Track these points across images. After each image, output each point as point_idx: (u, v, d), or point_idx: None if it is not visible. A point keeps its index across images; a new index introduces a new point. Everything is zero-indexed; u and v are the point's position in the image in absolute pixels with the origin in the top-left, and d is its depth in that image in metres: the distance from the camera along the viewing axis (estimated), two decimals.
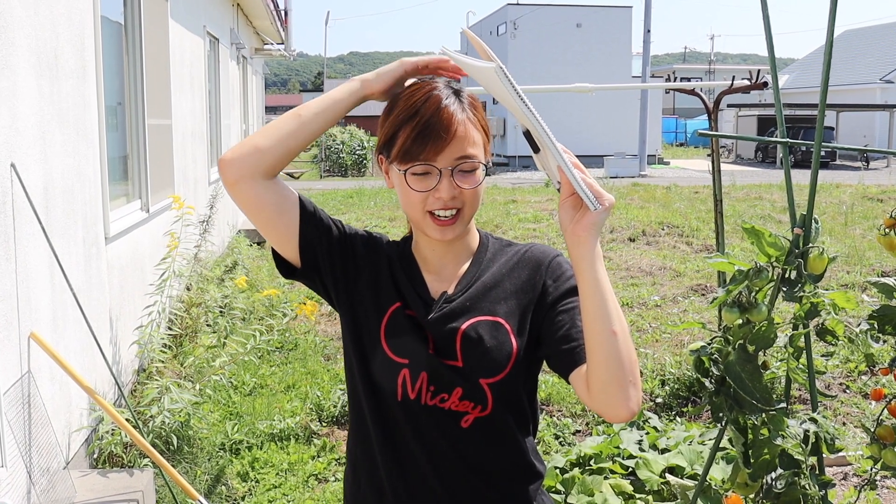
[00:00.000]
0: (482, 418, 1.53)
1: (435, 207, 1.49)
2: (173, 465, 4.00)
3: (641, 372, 5.98)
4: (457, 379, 1.51)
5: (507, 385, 1.53)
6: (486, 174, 1.53)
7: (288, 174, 28.36)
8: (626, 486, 3.92)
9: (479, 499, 1.56)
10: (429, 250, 1.60)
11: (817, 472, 2.06)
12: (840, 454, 4.40)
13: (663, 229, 12.98)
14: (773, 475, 1.96)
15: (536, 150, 1.40)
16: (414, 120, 1.46)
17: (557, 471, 4.10)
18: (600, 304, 1.35)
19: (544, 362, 1.60)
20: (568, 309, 1.51)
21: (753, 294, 1.85)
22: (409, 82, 1.57)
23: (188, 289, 6.09)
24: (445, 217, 1.50)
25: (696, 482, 2.31)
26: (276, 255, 1.63)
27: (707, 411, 5.17)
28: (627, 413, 1.36)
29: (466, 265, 1.61)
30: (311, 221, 1.58)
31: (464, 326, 1.53)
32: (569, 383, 1.48)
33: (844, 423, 5.10)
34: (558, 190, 1.39)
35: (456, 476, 1.55)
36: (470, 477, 1.55)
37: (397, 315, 1.56)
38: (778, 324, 1.88)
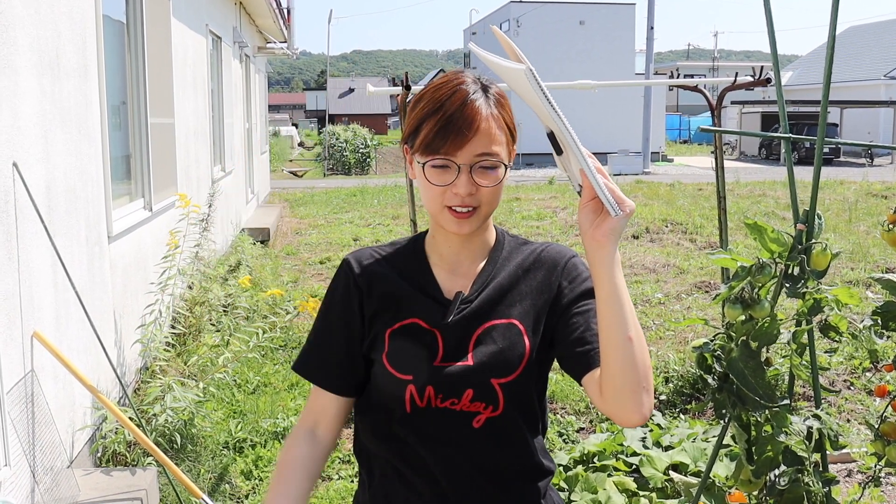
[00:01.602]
0: (493, 418, 1.52)
1: (452, 203, 1.48)
2: (177, 464, 4.00)
3: None
4: (467, 380, 1.50)
5: (519, 385, 1.52)
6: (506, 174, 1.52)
7: (292, 173, 28.38)
8: (630, 483, 3.91)
9: (488, 499, 1.55)
10: (445, 246, 1.59)
11: (821, 468, 2.06)
12: (844, 451, 4.39)
13: (667, 226, 12.97)
14: (777, 472, 1.96)
15: (559, 151, 1.39)
16: (438, 113, 1.45)
17: (561, 468, 4.10)
18: (617, 310, 1.34)
19: (555, 362, 1.59)
20: (583, 311, 1.51)
21: (756, 290, 1.84)
22: (438, 76, 1.57)
23: (190, 287, 6.10)
24: (463, 211, 1.49)
25: (700, 479, 2.31)
26: None
27: (710, 408, 5.16)
28: (640, 418, 1.36)
29: (482, 263, 1.60)
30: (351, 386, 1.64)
31: (479, 331, 1.53)
32: (581, 385, 1.48)
33: (849, 420, 5.09)
34: (579, 193, 1.39)
35: (464, 477, 1.54)
36: (477, 477, 1.54)
37: (396, 334, 1.55)
38: (781, 320, 1.88)
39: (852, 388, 5.64)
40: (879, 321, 1.95)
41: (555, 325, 1.54)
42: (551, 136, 1.38)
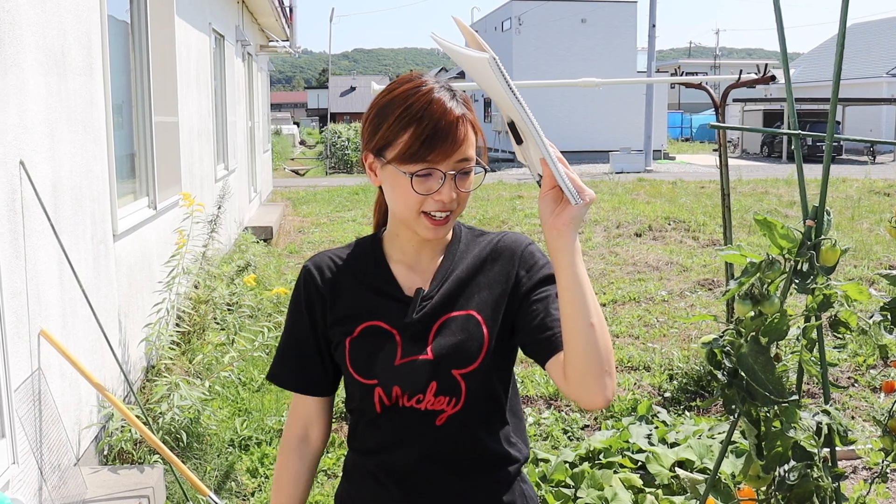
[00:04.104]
0: (455, 415, 1.55)
1: (433, 209, 1.49)
2: (183, 462, 4.01)
3: (649, 367, 5.98)
4: (429, 373, 1.54)
5: (480, 375, 1.55)
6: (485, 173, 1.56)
7: (294, 171, 28.37)
8: (636, 480, 3.92)
9: (454, 492, 1.59)
10: (407, 244, 1.61)
11: (830, 464, 2.06)
12: (850, 447, 4.39)
13: (669, 224, 12.96)
14: (786, 467, 1.96)
15: (519, 141, 1.41)
16: (423, 122, 1.45)
17: (567, 465, 4.10)
18: (579, 298, 1.37)
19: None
20: (542, 298, 1.54)
21: (766, 286, 1.85)
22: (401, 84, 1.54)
23: (196, 286, 6.10)
24: (441, 217, 1.50)
25: (706, 476, 2.31)
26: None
27: (716, 405, 5.17)
28: (603, 401, 1.39)
29: (440, 258, 1.62)
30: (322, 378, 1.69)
31: (437, 324, 1.56)
32: (545, 370, 1.51)
33: (853, 417, 5.09)
34: (538, 183, 1.41)
35: (430, 473, 1.58)
36: (442, 471, 1.58)
37: (357, 338, 1.58)
38: (790, 316, 1.88)
39: (856, 384, 5.64)
40: (888, 316, 1.96)
41: (515, 313, 1.57)
42: (511, 126, 1.40)
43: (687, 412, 5.10)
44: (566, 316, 1.39)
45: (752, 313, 1.85)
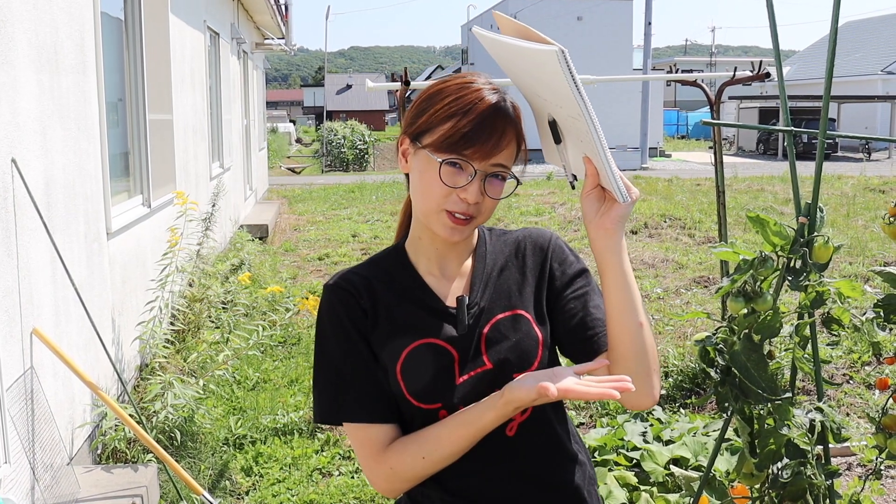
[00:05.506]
0: (525, 422, 1.49)
1: (455, 209, 1.42)
2: (177, 461, 4.00)
3: None
4: (491, 383, 1.45)
5: None
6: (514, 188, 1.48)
7: (290, 169, 28.34)
8: (631, 477, 3.91)
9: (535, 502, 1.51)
10: (432, 248, 1.53)
11: (823, 461, 2.05)
12: (844, 444, 4.39)
13: (665, 221, 12.96)
14: (780, 465, 1.96)
15: (558, 140, 1.38)
16: (469, 116, 1.40)
17: None
18: (628, 297, 1.36)
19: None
20: (578, 295, 1.51)
21: (759, 283, 1.84)
22: (449, 79, 1.49)
23: (190, 285, 6.09)
24: (461, 217, 1.43)
25: (700, 473, 2.31)
26: None
27: (710, 403, 5.17)
28: (652, 401, 1.38)
29: (469, 260, 1.56)
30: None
31: (486, 330, 1.49)
32: None
33: (848, 414, 5.10)
34: (571, 184, 1.38)
35: (505, 487, 1.49)
36: (519, 483, 1.50)
37: (409, 360, 1.47)
38: (783, 313, 1.88)
39: (851, 381, 5.65)
40: (882, 313, 1.95)
41: (551, 309, 1.53)
42: (553, 125, 1.36)
43: (682, 409, 5.10)
44: (615, 316, 1.36)
45: (745, 311, 1.85)
